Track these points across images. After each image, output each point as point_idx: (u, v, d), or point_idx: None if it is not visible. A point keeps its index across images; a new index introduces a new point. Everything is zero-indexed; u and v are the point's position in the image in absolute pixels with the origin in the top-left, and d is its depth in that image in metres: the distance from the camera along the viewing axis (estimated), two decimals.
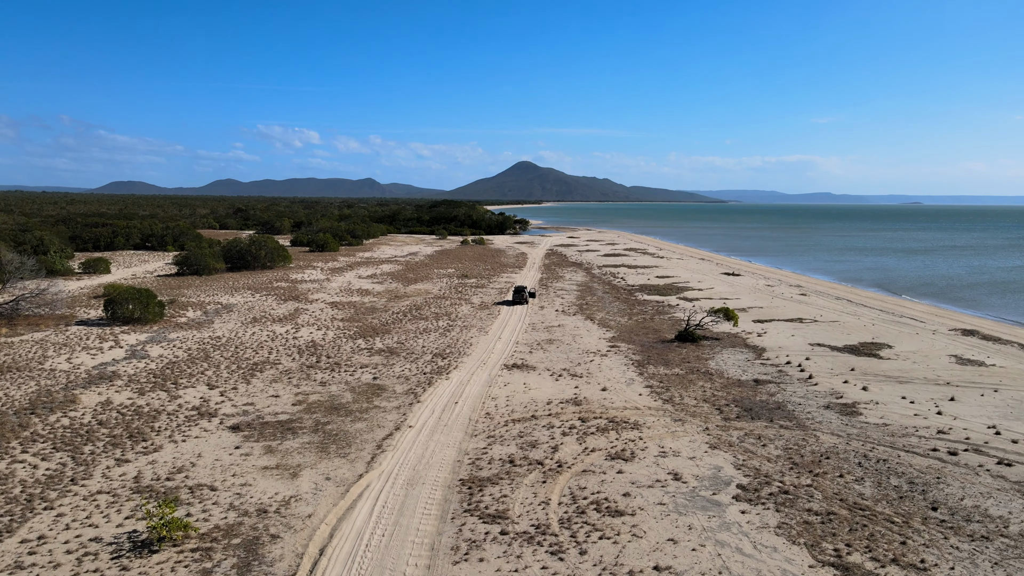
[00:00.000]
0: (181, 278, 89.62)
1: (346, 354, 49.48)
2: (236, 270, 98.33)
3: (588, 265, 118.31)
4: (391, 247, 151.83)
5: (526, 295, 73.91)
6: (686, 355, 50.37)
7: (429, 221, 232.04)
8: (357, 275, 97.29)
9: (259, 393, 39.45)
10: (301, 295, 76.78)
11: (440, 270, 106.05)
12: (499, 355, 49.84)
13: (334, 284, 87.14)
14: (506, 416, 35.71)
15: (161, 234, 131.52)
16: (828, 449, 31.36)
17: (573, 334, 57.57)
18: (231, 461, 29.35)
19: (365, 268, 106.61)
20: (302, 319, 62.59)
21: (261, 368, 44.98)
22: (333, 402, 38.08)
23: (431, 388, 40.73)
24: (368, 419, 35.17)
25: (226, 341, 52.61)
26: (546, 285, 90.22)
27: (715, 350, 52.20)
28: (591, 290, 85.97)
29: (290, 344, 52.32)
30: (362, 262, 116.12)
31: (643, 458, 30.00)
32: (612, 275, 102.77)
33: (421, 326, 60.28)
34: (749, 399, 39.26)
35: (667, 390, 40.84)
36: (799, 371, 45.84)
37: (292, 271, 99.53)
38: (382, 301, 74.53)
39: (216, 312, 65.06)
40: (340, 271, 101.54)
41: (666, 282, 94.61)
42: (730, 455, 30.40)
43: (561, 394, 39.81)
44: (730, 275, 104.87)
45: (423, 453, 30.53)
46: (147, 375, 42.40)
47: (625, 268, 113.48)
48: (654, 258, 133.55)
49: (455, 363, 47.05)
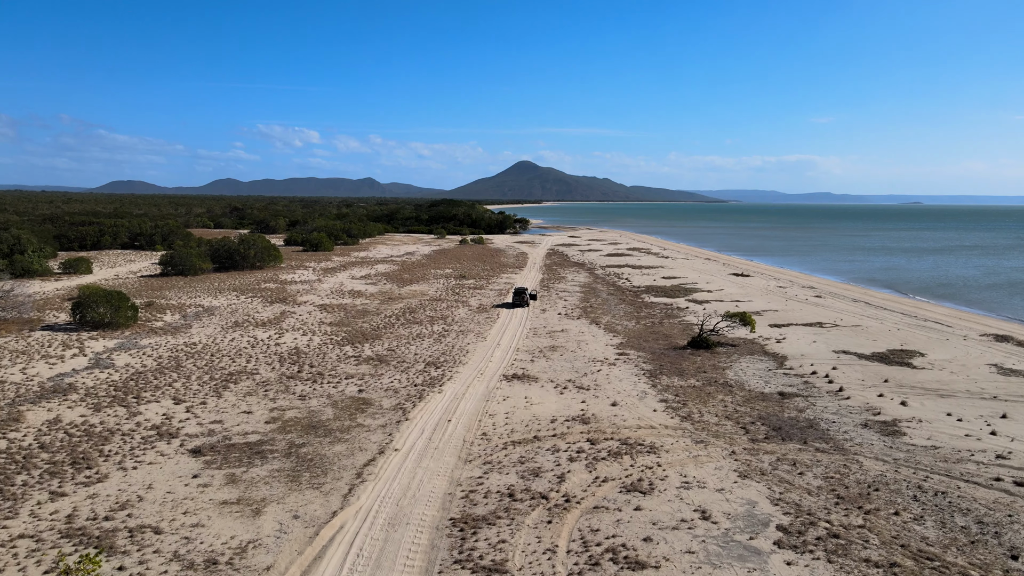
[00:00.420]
0: (165, 279, 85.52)
1: (331, 363, 45.38)
2: (224, 270, 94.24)
3: (591, 265, 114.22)
4: (388, 246, 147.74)
5: (527, 297, 69.86)
6: (701, 364, 46.28)
7: (428, 220, 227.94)
8: (350, 275, 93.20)
9: (230, 409, 35.35)
10: (289, 297, 72.68)
11: (437, 270, 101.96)
12: (498, 364, 45.75)
13: (325, 285, 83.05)
14: (505, 437, 31.60)
15: (150, 233, 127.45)
16: (875, 478, 27.26)
17: (578, 340, 53.49)
18: (185, 494, 25.25)
19: (359, 268, 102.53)
20: (287, 323, 58.50)
21: (236, 379, 40.88)
22: (312, 419, 33.99)
23: (422, 403, 36.62)
24: (349, 440, 31.07)
25: (202, 348, 48.51)
26: (547, 286, 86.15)
27: (732, 358, 48.12)
28: (595, 292, 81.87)
29: (271, 351, 48.23)
30: (357, 262, 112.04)
31: (663, 490, 25.89)
32: (616, 276, 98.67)
33: (414, 331, 56.18)
34: (776, 416, 35.16)
35: (684, 405, 36.73)
36: (827, 382, 41.74)
37: (283, 271, 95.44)
38: (374, 304, 70.45)
39: (196, 316, 60.96)
40: (333, 271, 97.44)
41: (673, 283, 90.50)
42: (764, 486, 26.29)
43: (567, 410, 35.72)
44: (739, 276, 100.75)
45: (409, 484, 26.42)
46: (107, 388, 38.27)
47: (629, 268, 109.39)
48: (659, 258, 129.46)
49: (449, 373, 42.95)
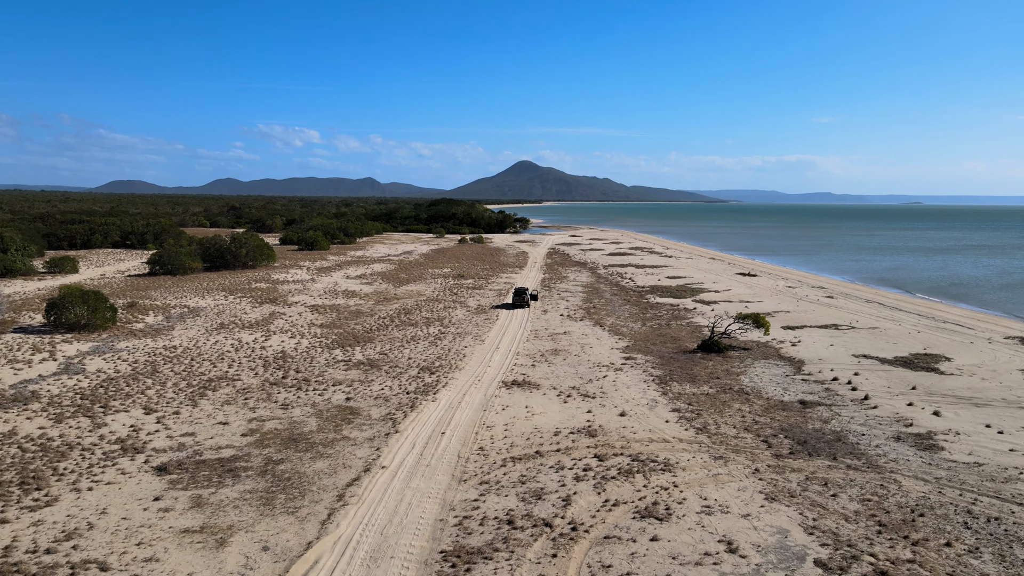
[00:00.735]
0: (153, 278, 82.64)
1: (319, 368, 42.50)
2: (215, 270, 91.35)
3: (593, 265, 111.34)
4: (385, 246, 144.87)
5: (527, 297, 66.98)
6: (713, 369, 43.39)
7: (427, 219, 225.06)
8: (345, 275, 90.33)
9: (205, 419, 32.47)
10: (280, 297, 69.80)
11: (435, 270, 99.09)
12: (497, 369, 42.86)
13: (319, 285, 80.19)
14: (504, 452, 28.72)
15: (141, 232, 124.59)
16: (918, 501, 24.38)
17: (581, 343, 50.60)
18: (143, 520, 22.38)
19: (355, 268, 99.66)
20: (276, 325, 55.62)
21: (215, 386, 38.01)
22: (293, 431, 31.11)
23: (414, 413, 33.74)
24: (332, 455, 28.19)
25: (182, 352, 45.64)
26: (549, 286, 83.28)
27: (746, 363, 45.23)
28: (598, 292, 78.99)
29: (256, 355, 45.34)
30: (352, 261, 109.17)
31: (682, 515, 23.02)
32: (619, 275, 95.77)
33: (409, 333, 53.29)
34: (799, 428, 32.28)
35: (698, 415, 33.84)
36: (850, 389, 38.86)
37: (275, 271, 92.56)
38: (368, 304, 67.58)
39: (180, 317, 58.08)
40: (327, 271, 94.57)
41: (679, 283, 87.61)
42: (795, 511, 23.41)
43: (571, 420, 32.84)
44: (746, 275, 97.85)
45: (396, 508, 23.55)
46: (73, 396, 35.39)
47: (633, 268, 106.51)
48: (662, 257, 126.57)
49: (445, 380, 40.06)
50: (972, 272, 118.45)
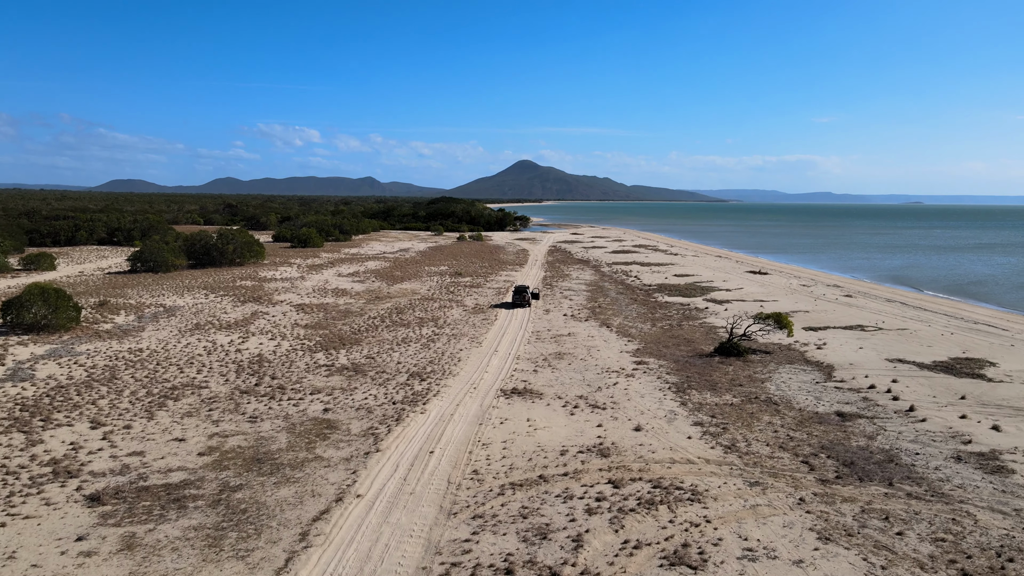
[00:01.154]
0: (134, 276, 78.41)
1: (297, 373, 38.31)
2: (200, 267, 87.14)
3: (596, 263, 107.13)
4: (381, 243, 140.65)
5: (528, 296, 62.77)
6: (735, 375, 39.20)
7: (425, 217, 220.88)
8: (337, 273, 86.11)
9: (159, 435, 28.29)
10: (265, 296, 65.58)
11: (431, 268, 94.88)
12: (495, 375, 38.67)
13: (308, 283, 75.98)
14: (502, 476, 24.52)
15: (128, 228, 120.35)
16: (1002, 540, 20.18)
17: (588, 346, 46.40)
18: (57, 569, 18.19)
19: (348, 265, 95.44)
20: (256, 325, 51.43)
21: (179, 394, 33.82)
22: (259, 449, 26.93)
23: (399, 427, 29.55)
24: (301, 480, 24.02)
25: (148, 355, 41.43)
26: (551, 284, 79.09)
27: (770, 368, 41.04)
28: (603, 290, 74.78)
29: (229, 359, 41.14)
30: (346, 259, 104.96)
31: (720, 562, 18.81)
32: (624, 273, 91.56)
33: (400, 335, 49.10)
34: (842, 445, 28.09)
35: (725, 430, 29.66)
36: (891, 399, 34.67)
37: (264, 268, 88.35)
38: (359, 303, 63.37)
39: (153, 316, 53.88)
40: (319, 268, 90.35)
41: (687, 281, 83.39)
42: (857, 555, 19.21)
43: (579, 436, 28.65)
44: (756, 273, 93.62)
45: (370, 551, 19.35)
46: (13, 407, 31.16)
47: (637, 266, 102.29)
48: (667, 255, 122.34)
49: (436, 387, 35.86)
50: (987, 271, 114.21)
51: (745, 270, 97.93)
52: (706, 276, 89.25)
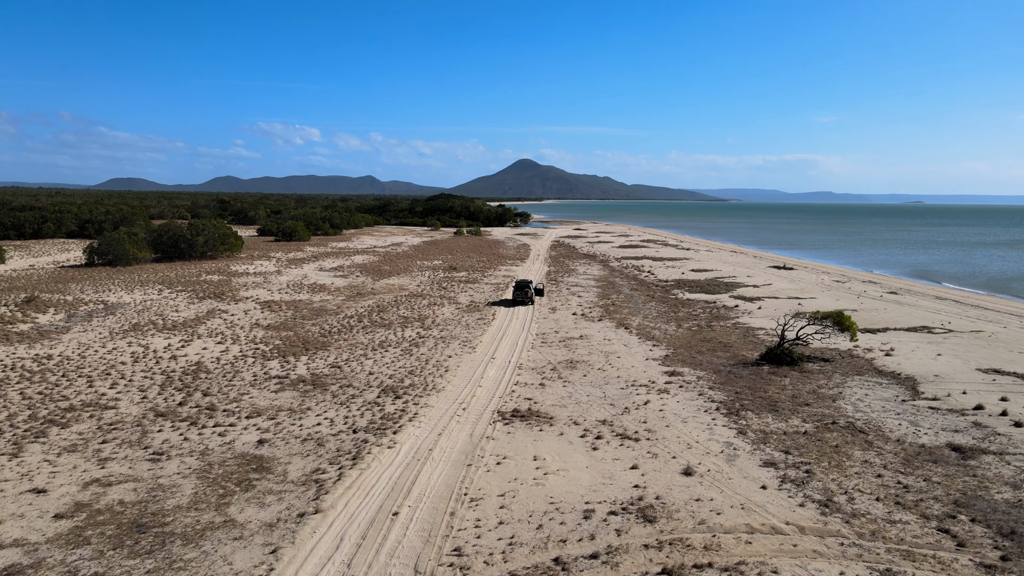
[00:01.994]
0: (89, 270, 70.07)
1: (240, 387, 30.01)
2: (168, 260, 78.82)
3: (604, 257, 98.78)
4: (373, 237, 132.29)
5: (531, 292, 54.44)
6: (795, 390, 30.89)
7: (422, 213, 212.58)
8: (319, 267, 77.79)
9: (13, 482, 19.98)
10: (229, 292, 57.24)
11: (424, 262, 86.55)
12: (491, 390, 30.35)
13: (284, 278, 67.66)
14: (498, 562, 16.13)
15: (100, 220, 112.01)
16: None
17: (605, 351, 38.08)
18: None
19: (333, 259, 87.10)
20: (208, 326, 43.11)
21: (72, 418, 25.50)
22: (146, 508, 18.62)
23: (356, 470, 21.22)
24: (190, 568, 15.71)
25: (57, 364, 33.11)
26: (556, 280, 70.78)
27: (834, 380, 32.74)
28: (614, 286, 66.46)
29: (158, 369, 32.84)
30: (332, 252, 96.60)
31: None
32: (636, 268, 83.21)
33: (378, 337, 40.79)
34: (981, 499, 19.76)
35: (809, 475, 21.31)
36: (1011, 424, 26.32)
37: (238, 261, 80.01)
38: (337, 300, 55.08)
39: (87, 316, 45.54)
40: (300, 262, 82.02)
41: (707, 277, 75.05)
42: None
43: (608, 485, 20.33)
44: (781, 269, 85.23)
45: None
46: None
47: (649, 260, 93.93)
48: (679, 250, 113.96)
49: (415, 407, 27.55)
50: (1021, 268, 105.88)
51: (767, 265, 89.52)
52: (727, 271, 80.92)
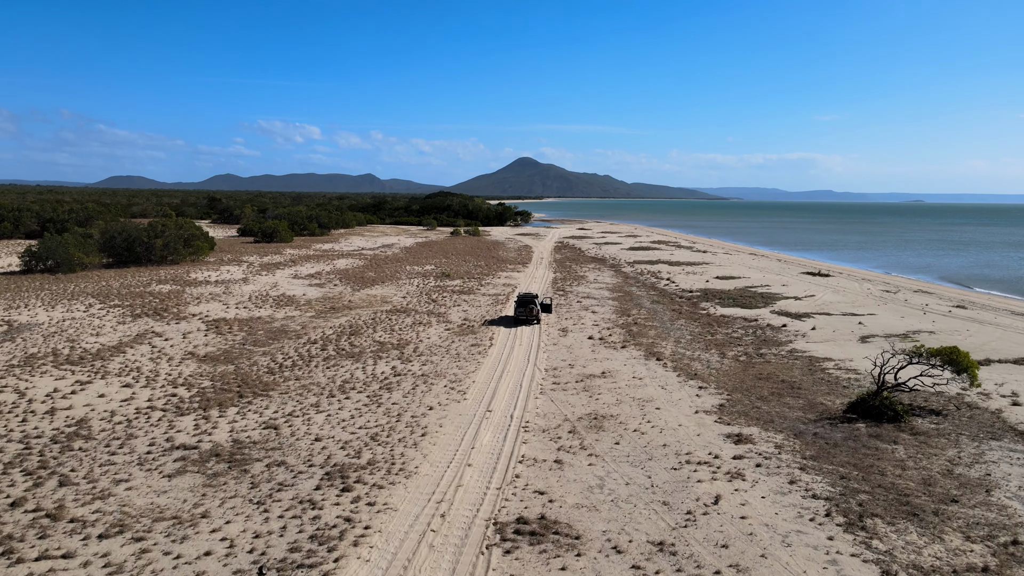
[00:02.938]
0: (26, 278, 60.62)
1: (119, 469, 20.58)
2: (121, 265, 69.36)
3: (614, 261, 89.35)
4: (363, 238, 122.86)
5: (536, 308, 44.99)
6: (920, 468, 21.48)
7: (419, 211, 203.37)
8: (294, 274, 68.38)
9: None
10: (176, 307, 47.83)
11: (415, 267, 77.16)
12: (484, 474, 20.92)
13: (250, 287, 58.29)
14: None
15: (63, 219, 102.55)
16: None
17: (638, 397, 28.64)
18: None
19: (313, 264, 77.71)
20: (126, 358, 33.69)
21: None
22: None
23: None
24: None
25: None
26: (564, 290, 61.37)
27: (962, 446, 23.36)
28: (632, 298, 57.05)
29: (20, 431, 23.40)
30: (314, 256, 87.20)
31: None
32: (653, 275, 73.77)
33: (342, 374, 31.37)
34: None
35: None
36: None
37: (203, 267, 70.57)
38: (304, 318, 45.72)
39: None
40: (274, 268, 72.60)
41: (736, 285, 65.59)
42: None
43: None
44: (816, 275, 75.76)
45: None
46: None
47: (665, 265, 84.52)
48: (694, 252, 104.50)
49: (367, 512, 18.09)
50: None
51: (799, 271, 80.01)
52: (756, 279, 71.48)
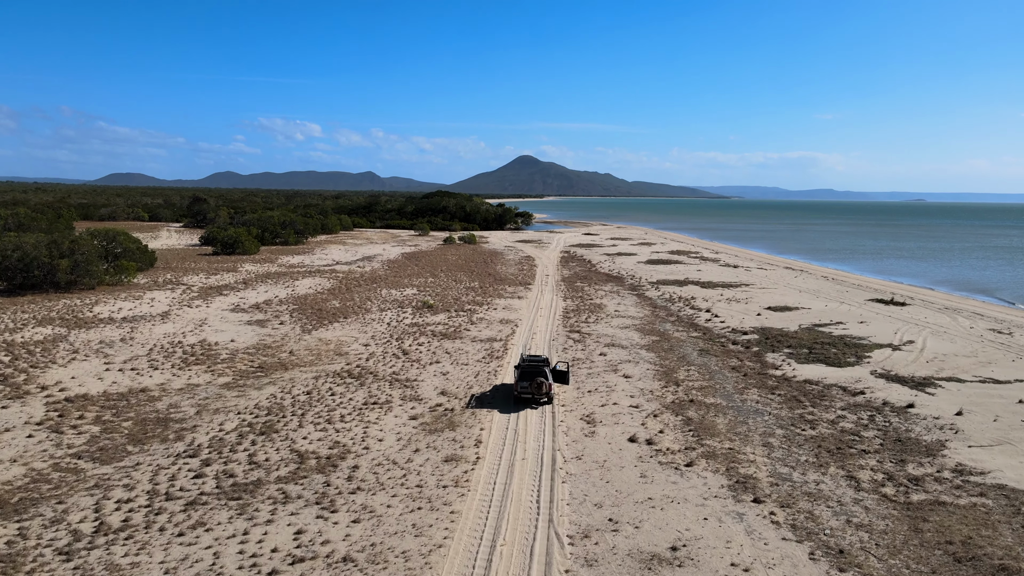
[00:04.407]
0: None
1: None
2: (17, 292, 54.92)
3: (633, 280, 74.91)
4: (343, 248, 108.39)
5: (548, 383, 30.39)
6: None
7: (412, 213, 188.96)
8: (238, 303, 53.98)
9: None
10: (28, 369, 33.43)
11: (393, 291, 62.77)
12: None
13: (165, 327, 43.97)
14: None
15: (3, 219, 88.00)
16: None
17: None
18: None
19: (270, 285, 63.31)
20: None
21: None
22: None
23: None
24: None
25: None
26: (579, 330, 46.89)
27: None
28: (670, 343, 42.56)
29: None
30: (275, 273, 72.80)
31: None
32: (687, 304, 59.19)
33: (196, 554, 16.94)
34: None
35: None
36: None
37: (124, 293, 56.07)
38: (212, 388, 31.33)
39: None
40: (216, 293, 58.19)
41: (798, 322, 51.01)
42: None
43: None
44: (890, 304, 61.14)
45: None
46: None
47: (696, 287, 70.06)
48: (724, 268, 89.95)
49: None
50: None
51: (865, 298, 65.28)
52: (818, 309, 57.02)
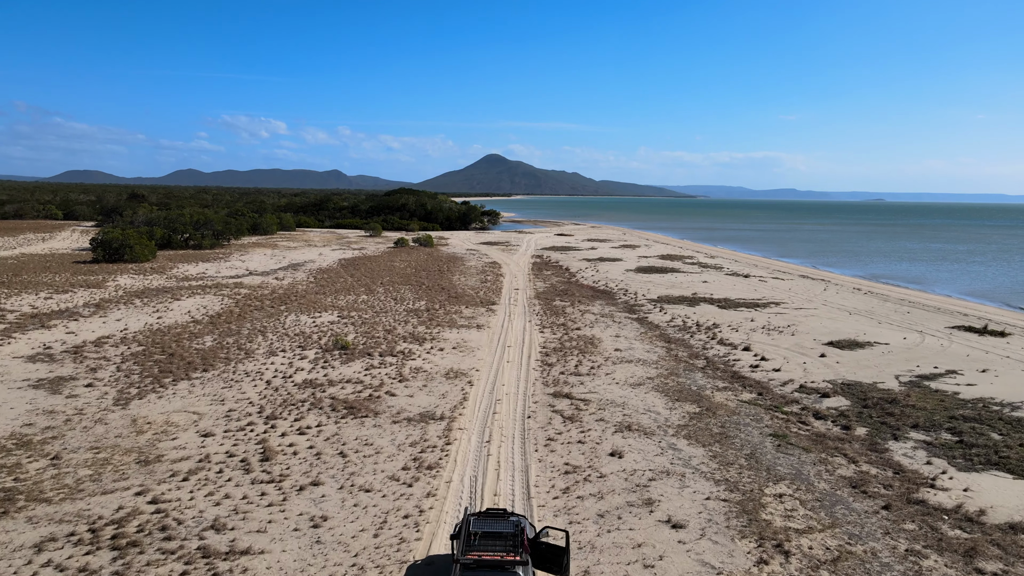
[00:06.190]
0: None
1: None
2: None
3: (628, 296, 58.17)
4: (270, 252, 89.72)
5: None
6: None
7: (368, 212, 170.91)
8: (60, 339, 35.68)
9: None
10: None
11: (305, 316, 44.91)
12: None
13: None
14: None
15: None
16: None
17: None
18: None
19: (133, 310, 44.95)
20: None
21: None
22: None
23: None
24: None
25: None
26: (566, 392, 29.69)
27: None
28: (713, 412, 25.73)
29: None
30: (155, 290, 54.28)
31: None
32: (710, 335, 42.45)
33: None
34: None
35: None
36: None
37: None
38: None
39: None
40: (29, 325, 39.71)
41: (886, 368, 34.54)
42: None
43: None
44: (983, 334, 45.43)
45: None
46: None
47: (711, 307, 53.56)
48: (731, 277, 73.90)
49: None
50: None
51: (946, 324, 49.40)
52: (897, 345, 40.75)
